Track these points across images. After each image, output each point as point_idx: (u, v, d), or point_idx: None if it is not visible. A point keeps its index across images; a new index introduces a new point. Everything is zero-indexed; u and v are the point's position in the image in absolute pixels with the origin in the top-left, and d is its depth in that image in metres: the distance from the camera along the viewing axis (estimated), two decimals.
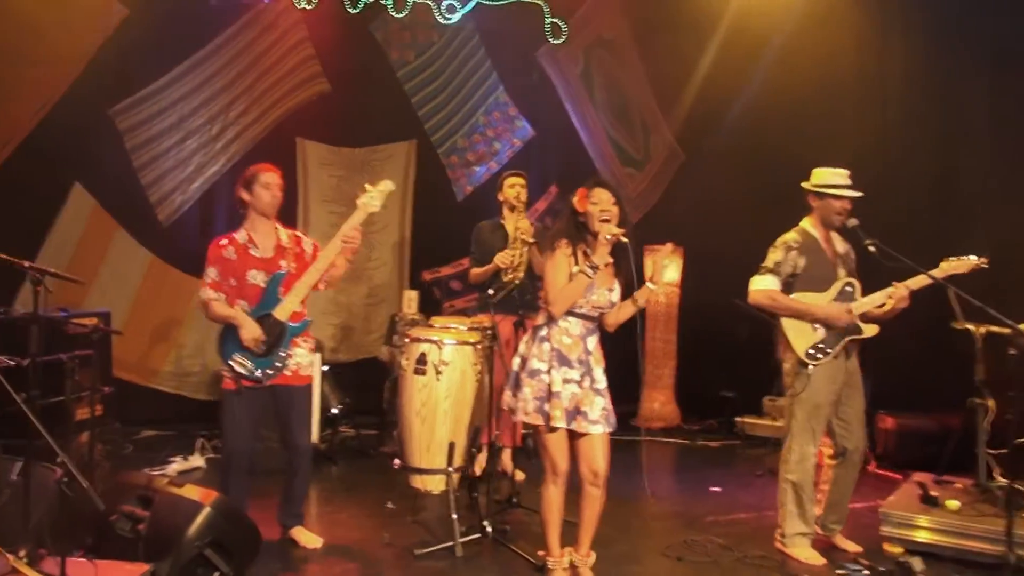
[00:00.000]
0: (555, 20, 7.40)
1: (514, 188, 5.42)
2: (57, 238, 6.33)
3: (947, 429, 5.52)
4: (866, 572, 3.89)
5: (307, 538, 4.16)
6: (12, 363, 3.22)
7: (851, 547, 4.27)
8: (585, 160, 7.77)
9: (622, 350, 4.01)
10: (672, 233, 7.28)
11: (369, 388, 6.59)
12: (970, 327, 4.48)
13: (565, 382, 3.50)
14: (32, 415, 2.72)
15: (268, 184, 4.00)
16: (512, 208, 5.43)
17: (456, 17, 7.17)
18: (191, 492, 3.49)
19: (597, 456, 3.58)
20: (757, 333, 6.88)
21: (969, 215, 6.02)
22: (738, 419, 7.07)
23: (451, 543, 4.06)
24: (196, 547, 3.34)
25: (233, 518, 3.51)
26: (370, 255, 7.34)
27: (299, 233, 4.24)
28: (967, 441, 4.85)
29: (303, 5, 6.76)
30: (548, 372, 3.51)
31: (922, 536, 4.18)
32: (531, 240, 5.24)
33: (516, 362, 3.66)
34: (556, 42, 7.46)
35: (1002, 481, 4.42)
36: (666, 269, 3.72)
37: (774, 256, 4.12)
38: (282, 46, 6.89)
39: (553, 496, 3.57)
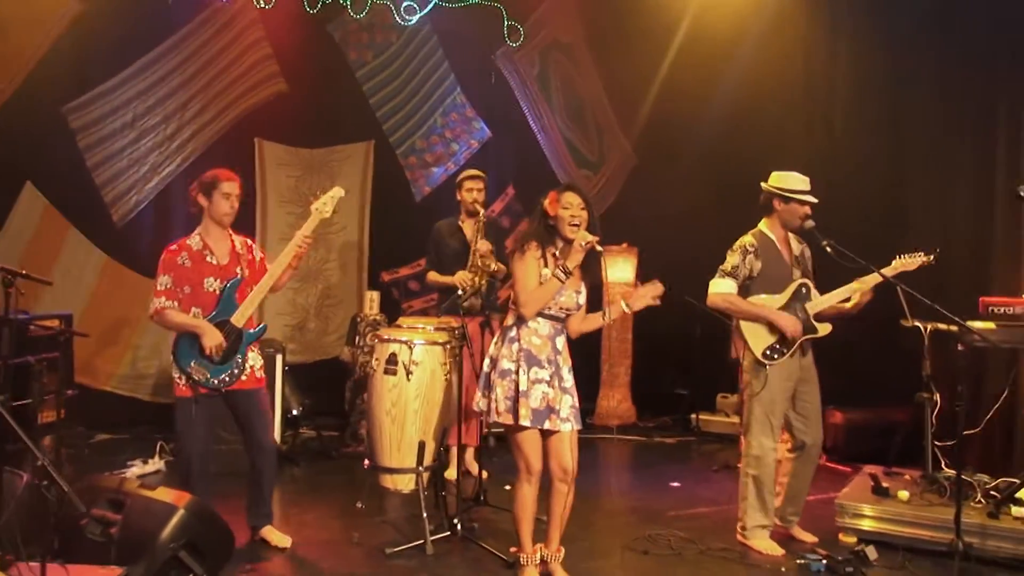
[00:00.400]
0: (512, 23, 7.46)
1: (472, 192, 5.44)
2: (8, 238, 6.20)
3: (892, 423, 5.74)
4: (824, 561, 4.04)
5: (277, 538, 4.16)
6: None
7: (808, 538, 4.42)
8: (542, 162, 7.87)
9: (584, 350, 4.10)
10: (626, 234, 7.45)
11: (328, 389, 6.59)
12: (919, 324, 4.66)
13: (535, 382, 3.56)
14: (10, 419, 2.69)
15: (228, 194, 3.99)
16: (470, 213, 5.45)
17: (415, 19, 7.19)
18: (164, 494, 3.48)
19: (566, 453, 3.66)
20: (710, 332, 7.08)
21: (918, 222, 6.21)
22: (693, 415, 7.24)
23: (421, 541, 4.11)
24: (171, 549, 3.33)
25: (207, 520, 3.51)
26: (328, 256, 7.33)
27: (250, 241, 4.24)
28: (913, 434, 5.08)
29: (261, 4, 6.71)
30: (517, 372, 3.58)
31: (875, 526, 4.36)
32: (492, 267, 5.22)
33: (487, 363, 3.72)
34: (514, 45, 7.53)
35: (949, 472, 4.62)
36: (644, 299, 3.76)
37: (731, 260, 4.25)
38: (239, 45, 6.84)
39: (527, 494, 3.63)
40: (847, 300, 4.25)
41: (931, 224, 6.08)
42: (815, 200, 4.23)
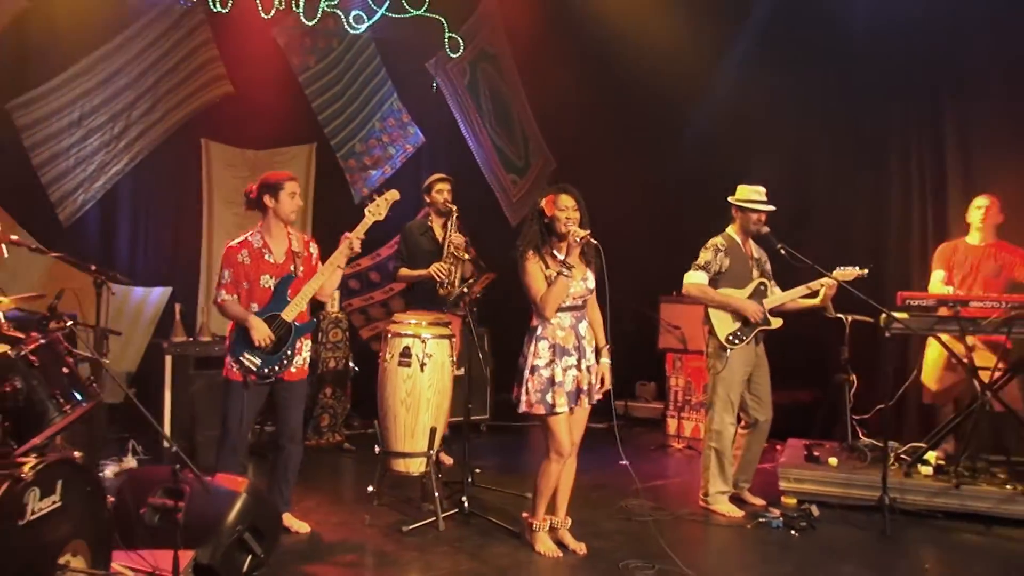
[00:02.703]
0: (453, 35, 7.84)
1: (442, 193, 5.85)
2: None
3: (802, 403, 6.55)
4: (780, 519, 4.72)
5: (297, 524, 4.43)
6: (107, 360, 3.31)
7: (757, 501, 5.12)
8: (472, 166, 8.31)
9: (511, 343, 4.52)
10: None
11: None
12: (841, 316, 5.44)
13: (566, 369, 4.04)
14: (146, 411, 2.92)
15: (293, 193, 4.26)
16: (440, 213, 5.86)
17: (363, 27, 7.45)
18: (223, 481, 3.71)
19: (578, 428, 4.17)
20: (634, 325, 7.72)
21: (822, 233, 6.79)
22: (619, 403, 7.87)
23: (433, 519, 4.50)
24: (236, 532, 3.58)
25: (263, 503, 3.78)
26: None
27: (307, 237, 4.50)
28: (830, 411, 5.89)
29: (216, 8, 6.79)
30: (548, 366, 4.03)
31: (812, 488, 5.10)
32: (465, 256, 5.68)
33: (520, 360, 4.13)
34: (454, 55, 7.91)
35: (867, 441, 5.44)
36: None
37: (705, 256, 4.88)
38: (186, 46, 6.87)
39: (554, 472, 4.09)
40: (814, 296, 4.93)
41: (835, 233, 6.82)
42: (766, 208, 4.91)
